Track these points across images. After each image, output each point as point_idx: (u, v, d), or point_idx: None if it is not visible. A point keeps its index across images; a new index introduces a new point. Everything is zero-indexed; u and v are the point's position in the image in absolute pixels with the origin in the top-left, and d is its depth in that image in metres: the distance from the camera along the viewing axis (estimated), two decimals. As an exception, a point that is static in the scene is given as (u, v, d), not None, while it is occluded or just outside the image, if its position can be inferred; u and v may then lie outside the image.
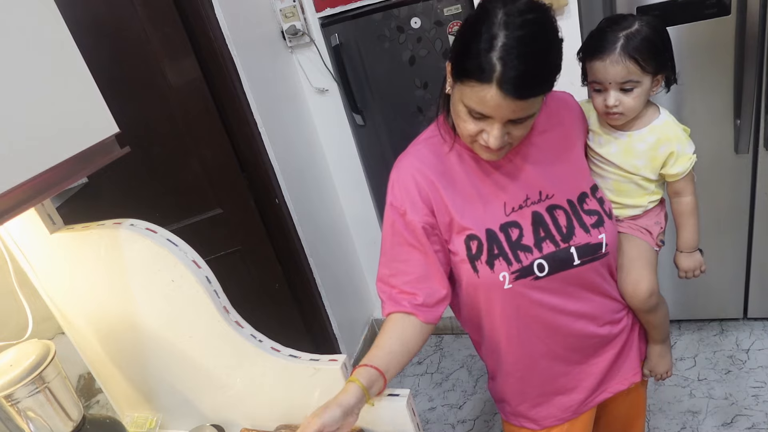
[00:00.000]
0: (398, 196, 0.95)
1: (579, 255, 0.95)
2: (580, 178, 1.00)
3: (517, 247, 0.93)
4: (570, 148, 1.01)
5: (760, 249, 2.06)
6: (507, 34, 0.75)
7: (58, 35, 0.83)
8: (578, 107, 1.07)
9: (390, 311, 0.95)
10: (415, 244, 0.94)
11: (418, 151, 0.97)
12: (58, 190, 0.83)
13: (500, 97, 0.77)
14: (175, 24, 1.76)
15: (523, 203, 0.95)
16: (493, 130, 0.83)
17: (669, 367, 1.17)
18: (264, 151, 2.01)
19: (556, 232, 0.94)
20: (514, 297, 0.95)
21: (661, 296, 1.10)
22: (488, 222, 0.94)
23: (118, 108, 0.94)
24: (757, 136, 1.86)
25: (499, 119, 0.81)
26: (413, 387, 2.42)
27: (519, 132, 0.85)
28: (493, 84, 0.76)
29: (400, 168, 0.97)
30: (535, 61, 0.77)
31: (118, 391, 1.21)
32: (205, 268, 0.99)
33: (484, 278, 0.94)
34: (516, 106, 0.78)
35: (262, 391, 1.06)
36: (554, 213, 0.95)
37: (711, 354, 2.17)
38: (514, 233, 0.94)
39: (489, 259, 0.93)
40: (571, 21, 1.91)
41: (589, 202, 0.97)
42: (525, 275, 0.93)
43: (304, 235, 2.19)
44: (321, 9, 2.13)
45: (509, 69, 0.75)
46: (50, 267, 1.08)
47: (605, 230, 0.96)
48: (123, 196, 1.85)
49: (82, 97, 0.87)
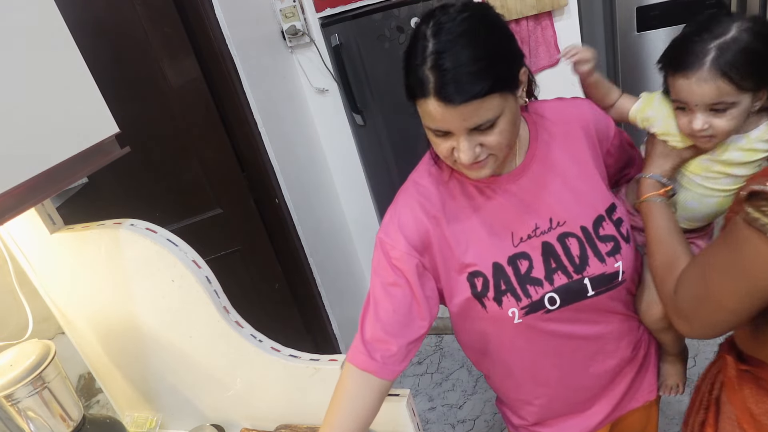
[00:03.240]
0: (390, 232, 0.88)
1: (593, 286, 0.87)
2: (595, 199, 0.90)
3: (527, 281, 0.87)
4: (582, 165, 0.91)
5: (760, 249, 2.05)
6: (435, 42, 0.72)
7: (58, 35, 0.83)
8: (587, 115, 0.94)
9: (357, 363, 0.87)
10: (401, 283, 0.87)
11: (417, 184, 0.91)
12: (58, 190, 0.83)
13: (442, 107, 0.72)
14: (175, 24, 1.76)
15: (532, 233, 0.88)
16: (459, 143, 0.76)
17: (680, 380, 1.09)
18: (264, 151, 2.01)
19: (568, 263, 0.87)
20: (525, 330, 0.90)
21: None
22: (495, 255, 0.87)
23: (118, 108, 0.94)
24: (757, 136, 1.86)
25: (457, 131, 0.75)
26: (413, 387, 2.42)
27: (492, 139, 0.76)
28: (431, 96, 0.72)
29: (398, 203, 0.90)
30: (467, 61, 0.71)
31: (118, 391, 1.21)
32: (205, 268, 0.99)
33: (493, 314, 0.88)
34: (463, 112, 0.72)
35: (262, 391, 1.06)
36: (566, 242, 0.88)
37: (711, 354, 2.17)
38: (523, 265, 0.87)
39: (497, 295, 0.87)
40: (571, 21, 1.91)
41: (605, 227, 0.89)
42: (535, 310, 0.87)
43: (304, 235, 2.19)
44: (321, 9, 2.13)
45: (440, 76, 0.71)
46: (50, 267, 1.08)
47: (622, 257, 0.88)
48: (123, 196, 1.85)
49: (82, 97, 0.87)
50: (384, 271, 0.88)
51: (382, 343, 0.87)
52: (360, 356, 0.87)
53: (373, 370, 0.86)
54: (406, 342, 0.88)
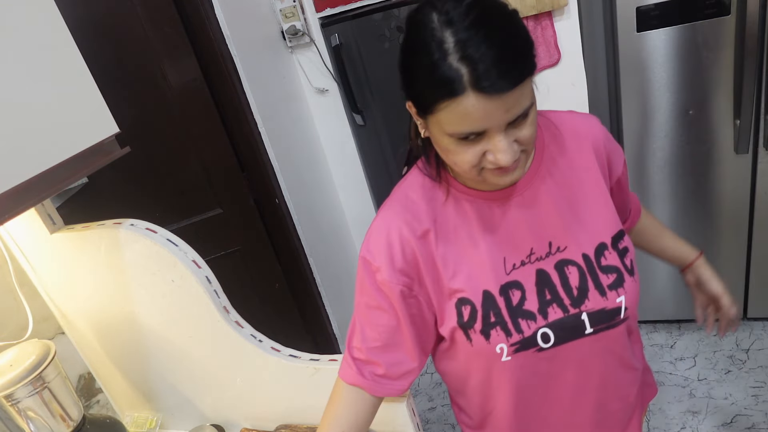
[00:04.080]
0: (373, 250, 0.79)
1: (592, 323, 0.78)
2: (600, 225, 0.80)
3: (518, 314, 0.77)
4: (590, 185, 0.81)
5: (760, 249, 2.06)
6: (454, 31, 0.61)
7: (58, 35, 0.83)
8: (599, 134, 0.84)
9: (347, 379, 0.83)
10: (386, 307, 0.80)
11: (405, 199, 0.81)
12: (58, 190, 0.83)
13: (484, 100, 0.62)
14: (175, 24, 1.76)
15: (526, 259, 0.78)
16: (497, 144, 0.66)
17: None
18: (264, 151, 2.01)
19: (565, 295, 0.78)
20: (514, 369, 0.81)
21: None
22: (485, 282, 0.78)
23: (118, 108, 0.94)
24: (757, 136, 1.86)
25: (496, 128, 0.65)
26: (413, 387, 2.42)
27: (526, 133, 0.67)
28: (468, 91, 0.61)
29: (384, 218, 0.80)
30: (501, 40, 0.61)
31: (118, 391, 1.21)
32: (205, 268, 0.99)
33: (479, 348, 0.79)
34: (507, 102, 0.63)
35: (262, 391, 1.06)
36: (565, 270, 0.78)
37: (711, 354, 2.17)
38: (515, 296, 0.78)
39: (484, 328, 0.77)
40: (571, 21, 1.91)
41: (608, 256, 0.79)
42: (526, 347, 0.78)
43: (304, 235, 2.19)
44: (321, 9, 2.13)
45: (478, 63, 0.60)
46: (50, 267, 1.08)
47: (625, 291, 0.79)
48: (123, 196, 1.85)
49: (82, 97, 0.87)
50: (368, 293, 0.81)
51: (369, 363, 0.83)
52: (349, 371, 0.84)
53: (365, 387, 0.82)
54: (395, 366, 0.82)
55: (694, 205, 2.05)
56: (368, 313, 0.82)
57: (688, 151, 1.96)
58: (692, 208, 2.05)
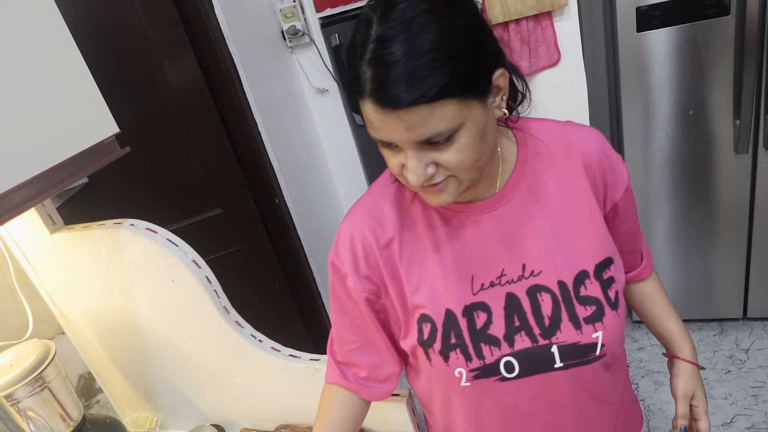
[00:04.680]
0: (341, 255, 0.76)
1: (562, 356, 0.71)
2: (583, 250, 0.72)
3: (481, 338, 0.71)
4: (577, 206, 0.73)
5: (760, 249, 2.06)
6: (379, 27, 0.55)
7: (58, 35, 0.83)
8: (594, 150, 0.74)
9: (332, 381, 0.83)
10: (356, 312, 0.77)
11: (374, 203, 0.76)
12: (58, 190, 0.83)
13: (379, 111, 0.56)
14: (175, 24, 1.76)
15: (496, 280, 0.71)
16: (407, 161, 0.61)
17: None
18: (264, 151, 2.01)
19: (534, 323, 0.70)
20: (473, 396, 0.75)
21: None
22: (449, 301, 0.71)
23: (118, 108, 0.94)
24: (757, 136, 1.86)
25: (405, 145, 0.59)
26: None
27: (449, 158, 0.60)
28: (366, 97, 0.57)
29: (350, 222, 0.77)
30: (415, 52, 0.54)
31: (119, 391, 1.21)
32: (205, 268, 0.99)
33: (438, 369, 0.74)
34: (406, 120, 0.56)
35: (262, 391, 1.06)
36: (537, 296, 0.71)
37: (711, 354, 2.17)
38: (480, 319, 0.71)
39: (443, 349, 0.72)
40: (571, 21, 1.91)
41: (588, 286, 0.71)
42: (487, 374, 0.72)
43: (304, 235, 2.19)
44: (321, 9, 2.13)
45: (379, 71, 0.55)
46: (50, 267, 1.08)
47: (604, 326, 0.70)
48: (123, 196, 1.85)
49: (82, 97, 0.87)
50: (339, 297, 0.79)
51: (352, 366, 0.82)
52: (333, 374, 0.83)
53: (350, 389, 0.82)
54: (376, 368, 0.81)
55: (694, 205, 2.05)
56: (342, 316, 0.80)
57: (688, 151, 1.96)
58: (692, 208, 2.05)
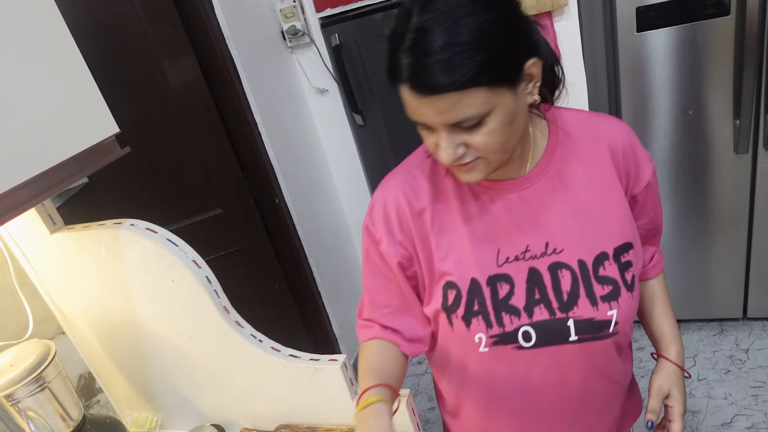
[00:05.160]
0: (376, 221, 0.81)
1: (577, 330, 0.76)
2: (604, 234, 0.77)
3: (503, 308, 0.76)
4: (601, 192, 0.78)
5: (760, 249, 2.06)
6: (419, 18, 0.61)
7: (58, 35, 0.83)
8: (620, 140, 0.79)
9: (373, 336, 0.84)
10: (390, 276, 0.82)
11: (408, 173, 0.81)
12: (58, 190, 0.83)
13: (414, 96, 0.63)
14: (175, 24, 1.76)
15: (521, 254, 0.76)
16: (439, 140, 0.67)
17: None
18: (264, 151, 2.01)
19: (554, 297, 0.76)
20: (490, 363, 0.80)
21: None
22: (474, 270, 0.76)
23: (118, 108, 0.94)
24: (757, 136, 1.86)
25: (437, 126, 0.65)
26: (413, 387, 2.42)
27: (478, 140, 0.65)
28: (403, 83, 0.64)
29: (385, 189, 0.81)
30: (446, 43, 0.59)
31: (119, 391, 1.21)
32: (205, 268, 0.99)
33: (459, 334, 0.79)
34: (438, 105, 0.62)
35: (262, 391, 1.06)
36: (558, 273, 0.76)
37: (711, 354, 2.17)
38: (502, 289, 0.76)
39: (466, 314, 0.77)
40: (571, 21, 1.91)
41: (607, 267, 0.76)
42: (506, 342, 0.77)
43: (304, 235, 2.19)
44: (321, 9, 2.13)
45: (415, 59, 0.61)
46: (50, 267, 1.08)
47: (619, 305, 0.76)
48: (123, 196, 1.85)
49: (82, 97, 0.87)
50: (374, 262, 0.83)
51: (387, 329, 0.85)
52: (372, 331, 0.85)
53: (392, 341, 0.83)
54: (409, 329, 0.84)
55: (693, 205, 2.05)
56: (376, 280, 0.84)
57: (687, 151, 1.96)
58: (692, 208, 2.05)
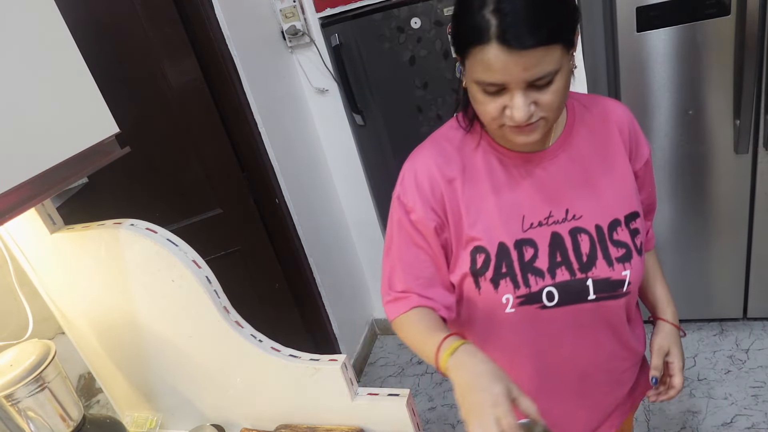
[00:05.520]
0: (408, 190, 0.85)
1: (596, 289, 0.83)
2: (616, 202, 0.86)
3: (528, 269, 0.83)
4: (611, 165, 0.87)
5: (760, 249, 2.06)
6: None
7: (58, 35, 0.83)
8: (624, 119, 0.90)
9: (413, 305, 0.86)
10: (423, 245, 0.86)
11: (438, 144, 0.87)
12: (58, 190, 0.83)
13: (504, 53, 0.66)
14: (175, 24, 1.76)
15: (543, 220, 0.84)
16: (514, 99, 0.71)
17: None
18: (264, 151, 2.01)
19: (574, 259, 0.83)
20: (515, 323, 0.86)
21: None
22: (502, 235, 0.83)
23: (118, 108, 0.94)
24: (757, 136, 1.86)
25: (515, 84, 0.70)
26: (413, 387, 2.42)
27: (546, 98, 0.72)
28: (492, 41, 0.67)
29: (415, 159, 0.87)
30: (534, 3, 0.66)
31: (118, 391, 1.21)
32: (205, 268, 0.99)
33: (486, 296, 0.85)
34: (526, 60, 0.67)
35: (262, 391, 1.06)
36: (578, 237, 0.84)
37: (711, 354, 2.17)
38: (528, 252, 0.83)
39: (495, 276, 0.83)
40: (571, 21, 1.90)
41: (620, 232, 0.84)
42: (531, 302, 0.83)
43: (304, 235, 2.19)
44: (321, 9, 2.13)
45: (505, 17, 0.66)
46: (50, 267, 1.08)
47: (631, 267, 0.84)
48: (123, 196, 1.85)
49: (82, 97, 0.87)
50: (406, 232, 0.86)
51: (423, 297, 0.87)
52: (410, 301, 0.86)
53: (431, 307, 0.86)
54: (442, 298, 0.87)
55: (694, 205, 2.05)
56: (410, 251, 0.87)
57: (688, 151, 1.96)
58: (692, 208, 2.05)
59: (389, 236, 0.90)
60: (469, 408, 0.67)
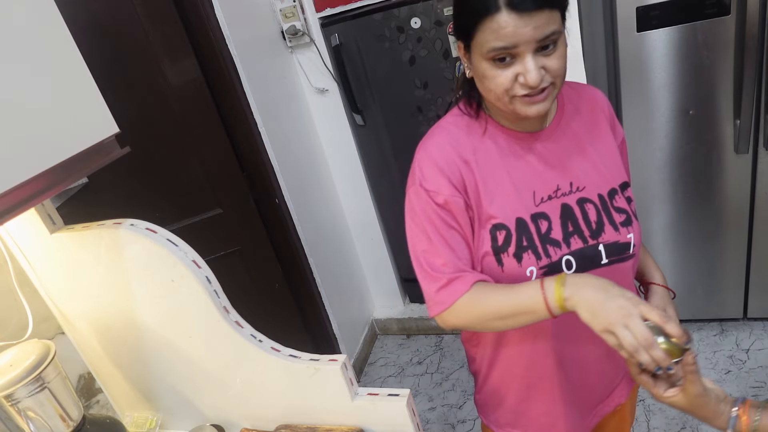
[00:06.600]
0: (429, 176, 0.87)
1: (607, 253, 0.89)
2: (611, 173, 0.93)
3: (547, 241, 0.87)
4: (601, 141, 0.95)
5: (760, 249, 2.06)
6: None
7: (58, 35, 0.83)
8: (604, 102, 0.99)
9: (475, 280, 0.86)
10: (455, 226, 0.88)
11: (447, 130, 0.91)
12: (58, 190, 0.83)
13: (514, 17, 0.73)
14: (175, 24, 1.76)
15: (553, 194, 0.89)
16: (526, 63, 0.76)
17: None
18: (264, 151, 2.01)
19: (585, 228, 0.89)
20: None
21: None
22: (519, 210, 0.88)
23: (118, 108, 0.94)
24: (757, 136, 1.86)
25: (525, 47, 0.75)
26: (413, 387, 2.42)
27: (553, 63, 0.78)
28: (502, 9, 0.73)
29: (428, 146, 0.90)
30: None
31: (118, 391, 1.21)
32: (205, 268, 0.99)
33: (510, 272, 0.87)
34: (536, 20, 0.73)
35: (262, 391, 1.06)
36: (585, 206, 0.90)
37: (711, 354, 2.17)
38: (543, 225, 0.88)
39: (517, 251, 0.86)
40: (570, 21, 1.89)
41: (618, 200, 0.91)
42: (553, 271, 0.86)
43: (304, 235, 2.19)
44: (321, 9, 2.13)
45: None
46: (50, 267, 1.08)
47: (633, 230, 0.91)
48: (123, 196, 1.85)
49: (82, 97, 0.86)
50: (437, 216, 0.87)
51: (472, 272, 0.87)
52: (468, 279, 0.86)
53: (487, 279, 0.87)
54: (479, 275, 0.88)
55: (694, 205, 2.05)
56: (446, 233, 0.88)
57: (688, 151, 1.96)
58: (692, 208, 2.05)
59: (420, 228, 0.89)
60: (609, 318, 0.72)
